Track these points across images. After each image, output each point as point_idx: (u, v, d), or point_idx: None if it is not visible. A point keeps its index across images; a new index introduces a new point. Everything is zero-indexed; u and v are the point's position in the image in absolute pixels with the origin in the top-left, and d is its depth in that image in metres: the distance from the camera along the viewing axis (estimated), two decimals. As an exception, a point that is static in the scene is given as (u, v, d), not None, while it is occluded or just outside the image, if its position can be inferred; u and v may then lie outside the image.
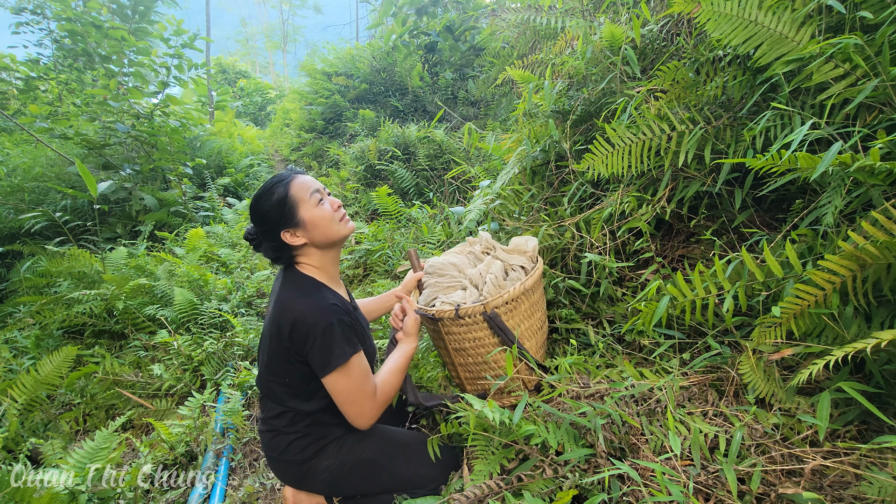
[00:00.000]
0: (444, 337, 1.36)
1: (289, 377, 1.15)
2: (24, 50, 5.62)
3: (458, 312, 1.27)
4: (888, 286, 0.94)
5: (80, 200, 4.30)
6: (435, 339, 1.42)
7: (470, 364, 1.38)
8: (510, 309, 1.30)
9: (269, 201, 1.16)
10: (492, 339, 1.31)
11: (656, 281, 1.30)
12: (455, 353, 1.38)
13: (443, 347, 1.40)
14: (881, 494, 0.82)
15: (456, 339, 1.34)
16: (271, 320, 1.14)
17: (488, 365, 1.34)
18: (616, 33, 1.77)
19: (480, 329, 1.30)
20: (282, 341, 1.11)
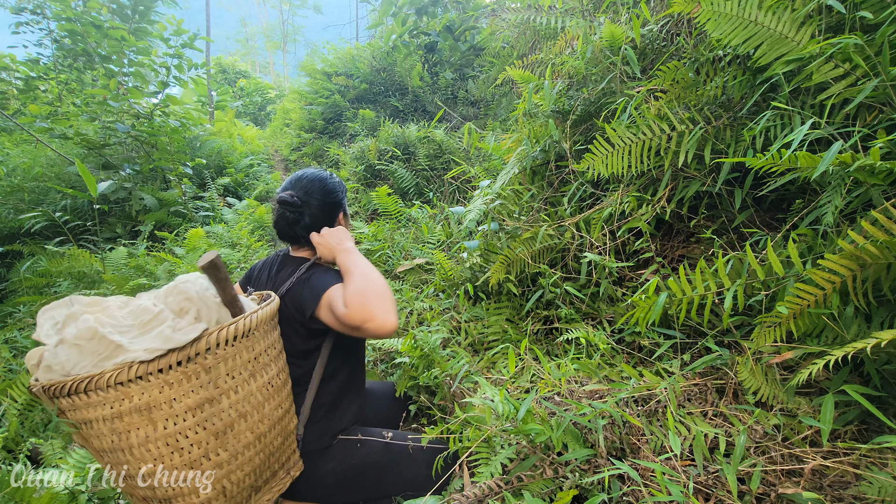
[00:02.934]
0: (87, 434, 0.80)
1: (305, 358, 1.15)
2: (24, 50, 5.63)
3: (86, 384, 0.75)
4: (888, 286, 0.94)
5: (80, 200, 4.30)
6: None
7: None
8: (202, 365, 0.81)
9: (340, 183, 1.27)
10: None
11: (655, 280, 1.30)
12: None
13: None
14: (881, 494, 0.82)
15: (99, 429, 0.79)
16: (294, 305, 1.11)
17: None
18: (616, 33, 1.77)
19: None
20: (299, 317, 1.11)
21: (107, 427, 0.78)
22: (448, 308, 2.03)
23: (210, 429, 0.83)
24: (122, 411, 0.77)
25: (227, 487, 0.86)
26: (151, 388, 0.77)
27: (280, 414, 0.98)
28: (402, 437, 1.26)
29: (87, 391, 0.76)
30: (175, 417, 0.79)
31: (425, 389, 1.67)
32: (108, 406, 0.76)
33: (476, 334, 1.79)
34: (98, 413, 0.77)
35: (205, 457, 0.83)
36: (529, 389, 1.32)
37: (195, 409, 0.81)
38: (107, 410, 0.77)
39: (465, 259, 2.08)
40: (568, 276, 1.75)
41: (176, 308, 0.86)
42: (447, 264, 2.21)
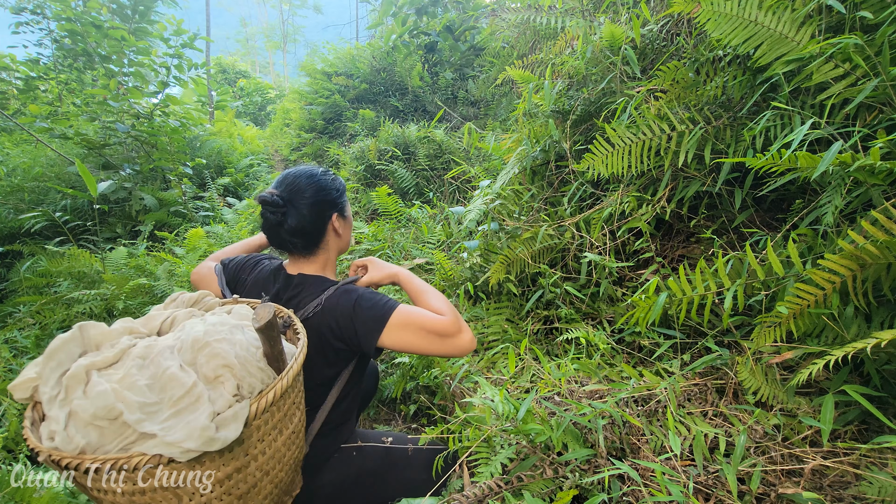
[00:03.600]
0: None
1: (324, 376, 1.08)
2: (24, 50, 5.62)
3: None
4: (888, 286, 0.94)
5: (80, 200, 4.30)
6: None
7: None
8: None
9: (335, 180, 1.12)
10: None
11: (655, 280, 1.30)
12: None
13: None
14: (881, 494, 0.82)
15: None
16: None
17: None
18: (616, 33, 1.77)
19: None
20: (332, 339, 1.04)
21: (125, 500, 0.71)
22: (448, 308, 2.03)
23: (235, 493, 0.77)
24: (145, 488, 0.70)
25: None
26: (181, 468, 0.70)
27: (297, 454, 0.92)
28: (402, 440, 1.23)
29: (119, 470, 0.68)
30: (203, 491, 0.74)
31: (425, 389, 1.67)
32: (130, 483, 0.70)
33: (476, 334, 1.79)
34: (119, 488, 0.70)
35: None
36: (529, 389, 1.32)
37: (224, 480, 0.75)
38: (129, 487, 0.70)
39: (465, 259, 2.08)
40: (568, 276, 1.75)
41: (210, 375, 0.75)
42: (447, 264, 2.21)
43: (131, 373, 0.75)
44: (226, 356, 0.75)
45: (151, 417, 0.70)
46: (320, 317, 1.04)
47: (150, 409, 0.71)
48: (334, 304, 1.04)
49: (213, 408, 0.71)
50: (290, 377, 0.80)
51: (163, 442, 0.67)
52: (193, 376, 0.74)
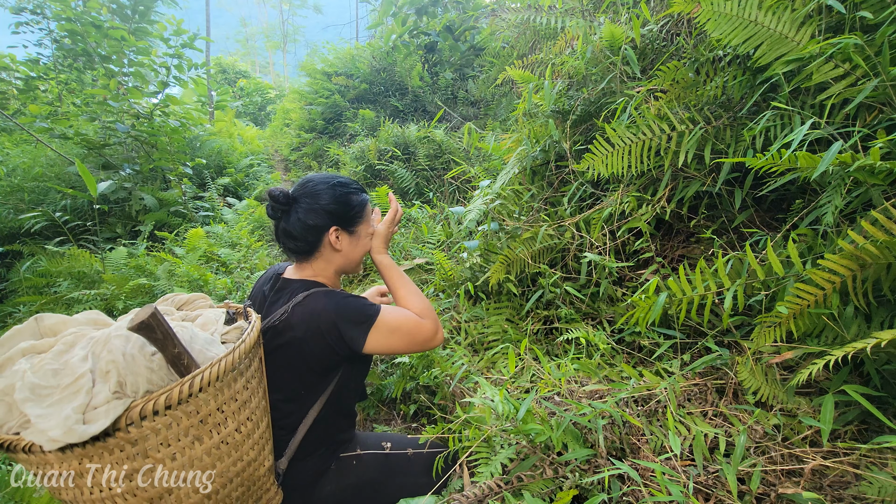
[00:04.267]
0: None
1: (304, 387, 1.05)
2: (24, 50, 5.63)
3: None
4: (888, 286, 0.94)
5: (80, 200, 4.30)
6: None
7: None
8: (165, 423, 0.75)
9: (352, 193, 1.09)
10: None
11: (655, 280, 1.30)
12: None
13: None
14: (881, 494, 0.82)
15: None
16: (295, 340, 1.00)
17: None
18: (616, 33, 1.77)
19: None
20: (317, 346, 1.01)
21: (39, 482, 0.76)
22: (448, 308, 2.03)
23: (142, 496, 0.76)
24: (49, 475, 0.74)
25: None
26: (70, 459, 0.72)
27: (240, 467, 0.87)
28: (401, 443, 1.21)
29: (13, 451, 0.72)
30: (101, 485, 0.74)
31: (425, 389, 1.67)
32: (34, 467, 0.74)
33: (476, 334, 1.79)
34: (32, 469, 0.75)
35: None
36: (529, 389, 1.32)
37: (123, 479, 0.74)
38: (34, 469, 0.75)
39: (465, 259, 2.08)
40: (568, 276, 1.75)
41: (103, 369, 0.75)
42: (447, 264, 2.21)
43: (47, 358, 0.76)
44: (114, 352, 0.75)
45: (38, 400, 0.71)
46: (288, 325, 1.00)
47: (42, 393, 0.72)
48: (310, 312, 1.00)
49: (89, 400, 0.71)
50: (196, 381, 0.77)
51: (35, 429, 0.69)
52: (87, 368, 0.74)
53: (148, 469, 0.76)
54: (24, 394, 0.71)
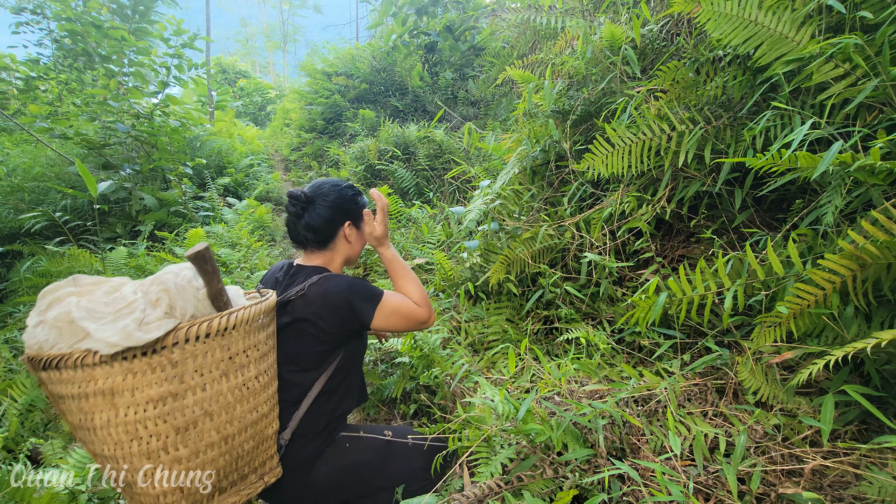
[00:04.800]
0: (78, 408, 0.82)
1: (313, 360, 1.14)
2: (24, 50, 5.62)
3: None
4: (888, 286, 0.94)
5: (80, 200, 4.30)
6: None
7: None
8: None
9: (357, 195, 1.28)
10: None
11: (655, 280, 1.30)
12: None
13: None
14: (881, 494, 0.82)
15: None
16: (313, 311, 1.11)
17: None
18: (616, 33, 1.77)
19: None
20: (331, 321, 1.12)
21: (75, 405, 0.81)
22: (448, 308, 2.03)
23: (171, 423, 0.83)
24: (87, 392, 0.80)
25: (186, 483, 0.85)
26: (115, 373, 0.79)
27: (255, 417, 0.95)
28: (401, 433, 1.24)
29: (59, 367, 0.80)
30: (136, 406, 0.81)
31: (425, 389, 1.67)
32: (76, 385, 0.80)
33: (476, 334, 1.79)
34: (68, 390, 0.81)
35: (163, 450, 0.83)
36: (529, 389, 1.32)
37: (157, 401, 0.81)
38: (75, 389, 0.80)
39: (465, 259, 2.08)
40: (568, 276, 1.75)
41: (153, 298, 0.84)
42: (447, 264, 2.21)
43: (98, 294, 0.86)
44: (166, 282, 0.86)
45: (93, 319, 0.81)
46: (304, 302, 1.11)
47: (96, 315, 0.82)
48: (323, 297, 1.11)
49: (143, 318, 0.81)
50: (232, 318, 0.88)
51: (94, 338, 0.79)
52: (139, 296, 0.85)
53: (179, 395, 0.83)
54: (81, 314, 0.81)
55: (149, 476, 0.83)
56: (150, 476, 0.83)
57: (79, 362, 0.78)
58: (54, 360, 0.79)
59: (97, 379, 0.79)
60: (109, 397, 0.80)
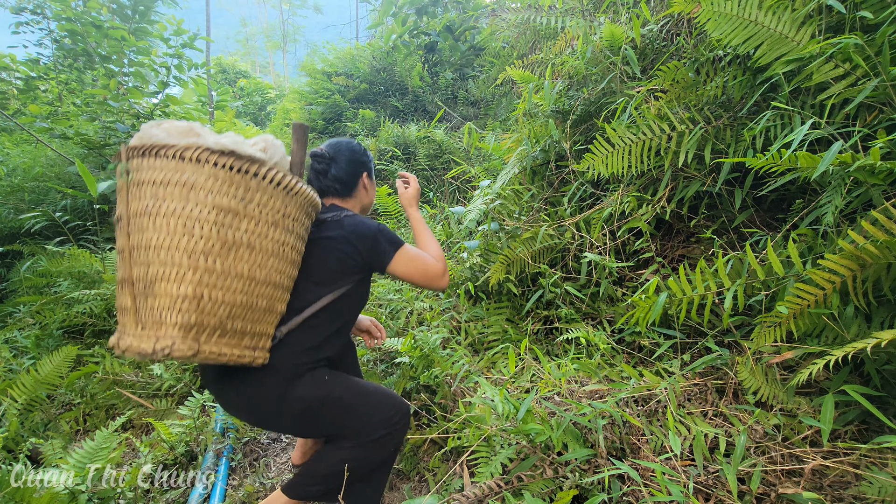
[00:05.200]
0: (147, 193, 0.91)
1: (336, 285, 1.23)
2: (24, 50, 5.62)
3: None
4: (888, 286, 0.94)
5: (80, 200, 4.30)
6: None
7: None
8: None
9: (368, 153, 1.45)
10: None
11: (655, 280, 1.30)
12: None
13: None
14: (881, 494, 0.82)
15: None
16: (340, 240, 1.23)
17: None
18: (616, 33, 1.77)
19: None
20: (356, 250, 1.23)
21: (152, 191, 0.91)
22: (448, 308, 2.03)
23: (222, 235, 0.93)
24: (171, 180, 0.90)
25: (204, 298, 0.92)
26: (202, 173, 0.91)
27: (276, 280, 1.06)
28: (363, 381, 1.28)
29: (156, 155, 0.91)
30: (204, 206, 0.91)
31: (425, 389, 1.67)
32: (164, 173, 0.91)
33: (476, 334, 1.79)
34: (154, 176, 0.91)
35: (204, 254, 0.92)
36: (529, 389, 1.32)
37: (220, 211, 0.92)
38: (161, 176, 0.91)
39: (465, 259, 2.08)
40: (568, 276, 1.75)
41: (252, 143, 1.01)
42: (447, 264, 2.21)
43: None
44: (266, 136, 1.05)
45: (203, 132, 0.95)
46: (337, 225, 1.24)
47: (205, 132, 0.96)
48: (355, 226, 1.24)
49: (242, 141, 0.96)
50: (301, 186, 1.06)
51: (202, 139, 0.92)
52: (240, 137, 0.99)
53: (238, 216, 0.95)
54: (198, 128, 0.95)
55: (179, 277, 0.91)
56: (180, 278, 0.91)
57: (178, 154, 0.90)
58: (159, 149, 0.91)
59: (186, 171, 0.90)
60: (188, 190, 0.90)
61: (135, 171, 0.93)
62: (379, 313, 2.12)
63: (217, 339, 0.97)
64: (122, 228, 0.95)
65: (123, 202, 0.94)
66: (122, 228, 0.95)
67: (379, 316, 2.11)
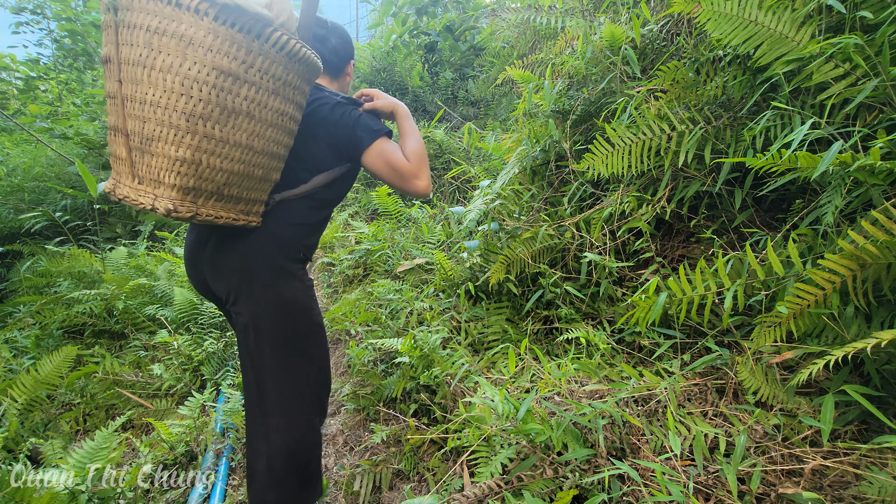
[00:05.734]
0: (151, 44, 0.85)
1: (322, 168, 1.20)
2: (24, 50, 5.63)
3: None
4: (888, 286, 0.94)
5: (80, 200, 4.30)
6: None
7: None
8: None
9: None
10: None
11: (655, 280, 1.30)
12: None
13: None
14: (881, 494, 0.82)
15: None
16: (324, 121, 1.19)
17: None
18: (616, 33, 1.77)
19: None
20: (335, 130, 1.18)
21: (146, 38, 0.83)
22: (448, 308, 2.03)
23: (221, 100, 0.87)
24: (167, 30, 0.82)
25: (202, 164, 0.90)
26: (202, 26, 0.83)
27: (273, 150, 1.03)
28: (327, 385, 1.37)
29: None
30: (203, 66, 0.84)
31: (425, 389, 1.67)
32: (159, 19, 0.82)
33: (476, 334, 1.79)
34: (148, 21, 0.82)
35: (202, 118, 0.87)
36: (529, 389, 1.32)
37: (220, 73, 0.86)
38: (156, 22, 0.82)
39: (465, 259, 2.08)
40: (568, 276, 1.75)
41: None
42: (447, 264, 2.21)
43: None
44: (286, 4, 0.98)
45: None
46: (320, 115, 1.18)
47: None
48: (338, 114, 1.18)
49: (253, 6, 0.87)
50: (305, 51, 0.97)
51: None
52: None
53: (238, 80, 0.89)
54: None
55: (177, 140, 0.86)
56: (178, 141, 0.86)
57: (175, 0, 0.81)
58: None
59: (183, 22, 0.82)
60: (184, 45, 0.83)
61: (124, 9, 0.83)
62: (379, 313, 2.12)
63: (213, 203, 0.96)
64: (112, 72, 0.88)
65: (112, 43, 0.86)
66: (111, 72, 0.88)
67: (379, 316, 2.11)
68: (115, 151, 0.94)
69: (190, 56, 0.83)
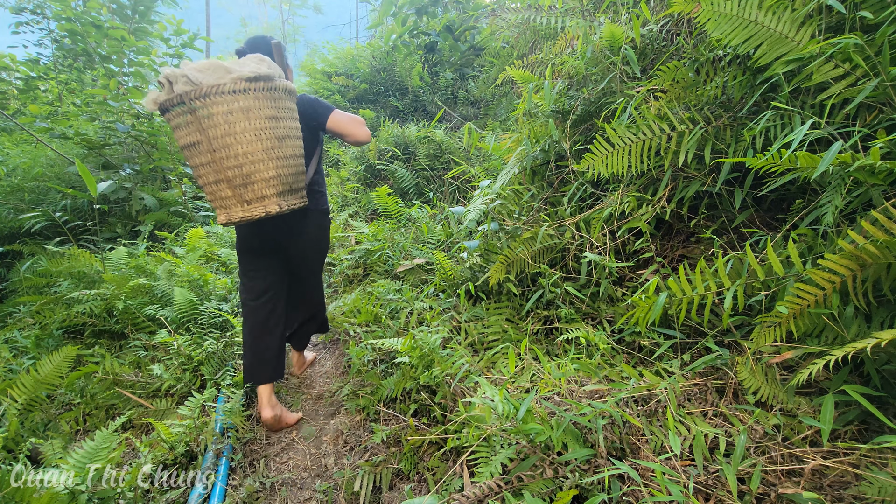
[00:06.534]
0: (205, 129, 1.34)
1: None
2: (24, 50, 5.62)
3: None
4: (888, 286, 0.94)
5: (80, 200, 4.30)
6: (189, 141, 1.38)
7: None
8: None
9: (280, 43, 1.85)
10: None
11: (655, 280, 1.30)
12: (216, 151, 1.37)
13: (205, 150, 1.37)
14: (881, 494, 0.82)
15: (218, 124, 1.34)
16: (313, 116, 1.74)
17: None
18: (616, 33, 1.77)
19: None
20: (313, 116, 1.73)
21: (223, 118, 1.33)
22: (448, 308, 2.03)
23: (276, 133, 1.41)
24: (232, 109, 1.33)
25: (283, 175, 1.46)
26: (248, 98, 1.34)
27: (300, 153, 1.56)
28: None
29: (213, 95, 1.30)
30: (259, 119, 1.36)
31: (425, 389, 1.67)
32: (224, 105, 1.32)
33: (476, 334, 1.79)
34: (220, 109, 1.32)
35: (272, 149, 1.41)
36: (529, 389, 1.32)
37: (268, 119, 1.39)
38: (224, 107, 1.32)
39: (465, 259, 2.08)
40: (568, 276, 1.75)
41: (258, 60, 1.40)
42: (447, 264, 2.21)
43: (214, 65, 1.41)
44: (265, 58, 1.43)
45: (229, 67, 1.35)
46: (300, 108, 1.64)
47: (227, 66, 1.35)
48: (305, 101, 1.70)
49: (258, 68, 1.38)
50: (290, 84, 1.49)
51: (235, 72, 1.33)
52: (247, 61, 1.41)
53: (277, 119, 1.42)
54: (211, 63, 1.35)
55: (266, 167, 1.41)
56: (267, 167, 1.41)
57: (228, 89, 1.31)
58: (212, 89, 1.30)
59: (239, 101, 1.33)
60: (245, 112, 1.35)
61: (200, 108, 1.32)
62: (379, 313, 2.12)
63: (290, 196, 1.51)
64: (202, 149, 1.36)
65: (198, 131, 1.34)
66: (200, 150, 1.37)
67: (379, 316, 2.11)
68: (218, 195, 1.45)
69: (251, 117, 1.36)
